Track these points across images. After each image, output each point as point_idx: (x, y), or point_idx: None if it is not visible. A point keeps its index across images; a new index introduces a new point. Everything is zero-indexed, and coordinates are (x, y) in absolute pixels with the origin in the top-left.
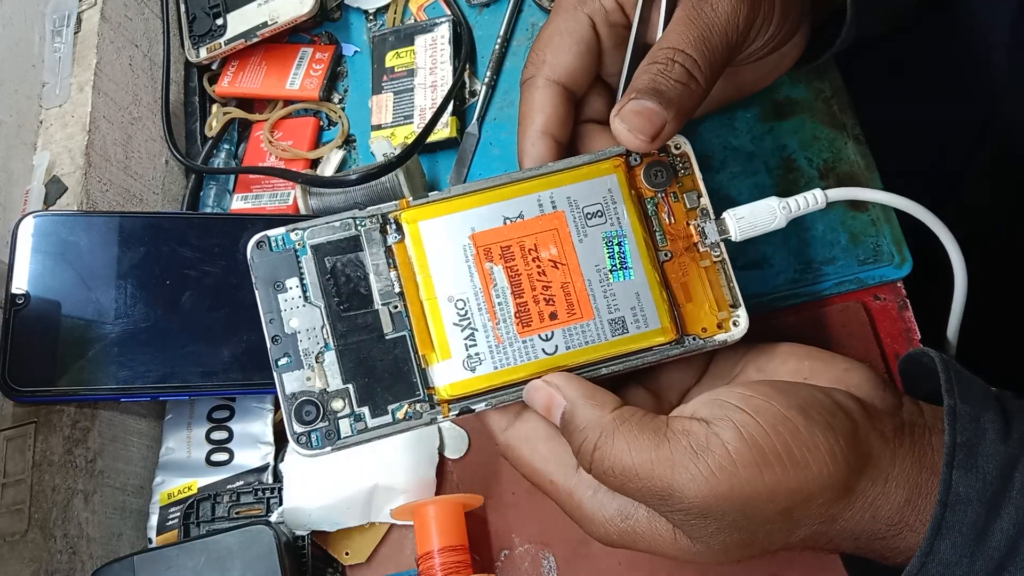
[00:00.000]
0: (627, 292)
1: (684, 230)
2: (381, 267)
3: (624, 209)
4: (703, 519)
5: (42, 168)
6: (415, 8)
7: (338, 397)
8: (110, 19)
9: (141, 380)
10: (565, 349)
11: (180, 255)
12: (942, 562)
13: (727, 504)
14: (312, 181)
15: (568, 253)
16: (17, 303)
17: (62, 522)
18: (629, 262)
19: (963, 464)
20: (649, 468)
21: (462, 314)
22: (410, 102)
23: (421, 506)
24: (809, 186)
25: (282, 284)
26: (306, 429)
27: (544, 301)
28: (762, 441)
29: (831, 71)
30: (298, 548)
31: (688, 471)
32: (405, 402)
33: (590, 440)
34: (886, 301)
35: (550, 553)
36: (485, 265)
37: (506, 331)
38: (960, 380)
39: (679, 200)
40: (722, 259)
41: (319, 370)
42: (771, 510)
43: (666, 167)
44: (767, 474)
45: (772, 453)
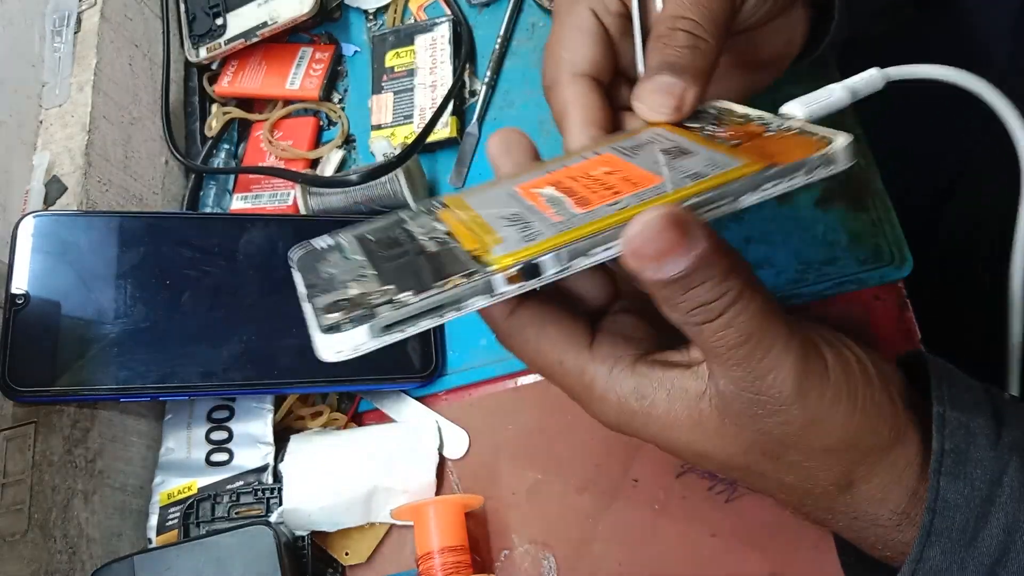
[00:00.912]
0: (696, 162)
1: (748, 129)
2: (424, 221)
3: (675, 134)
4: (772, 412)
5: (42, 168)
6: (415, 8)
7: (376, 293)
8: (110, 19)
9: (141, 380)
10: (639, 202)
11: (180, 255)
12: (933, 569)
13: (804, 409)
14: (312, 181)
15: (622, 164)
16: (17, 303)
17: (62, 522)
18: (690, 148)
19: (951, 471)
20: (771, 342)
21: (513, 218)
22: (410, 102)
23: (421, 506)
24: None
25: (322, 257)
26: (337, 319)
27: (603, 189)
28: (855, 377)
29: (831, 71)
30: (298, 548)
31: (796, 360)
32: (455, 275)
33: (732, 292)
34: (886, 301)
35: (550, 553)
36: (532, 190)
37: (566, 211)
38: (952, 385)
39: (731, 124)
40: (801, 125)
41: (355, 285)
42: (827, 437)
43: (709, 114)
44: (848, 405)
45: (857, 391)
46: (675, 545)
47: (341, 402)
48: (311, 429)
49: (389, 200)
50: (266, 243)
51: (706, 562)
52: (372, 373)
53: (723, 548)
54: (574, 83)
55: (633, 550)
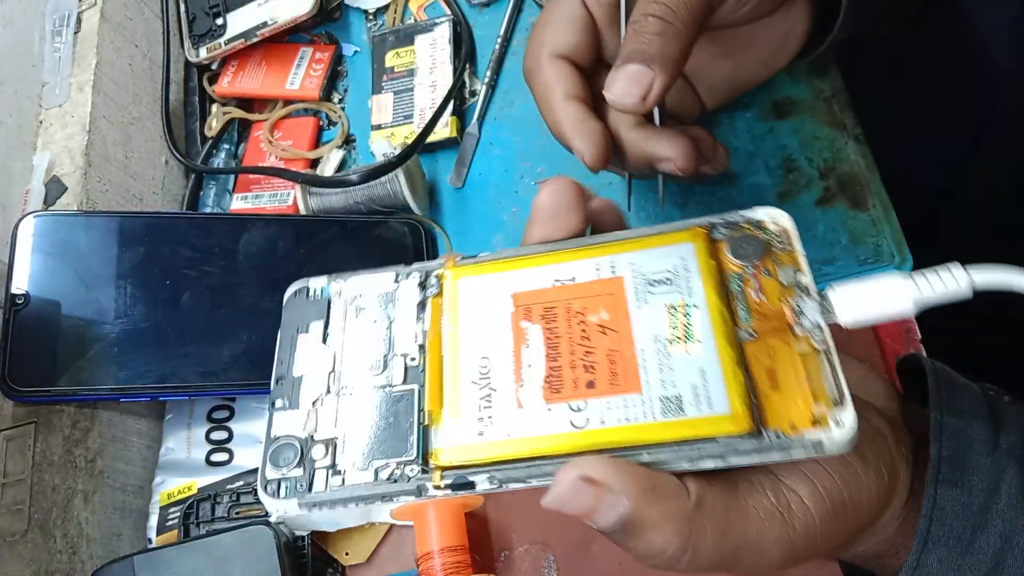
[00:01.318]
0: (689, 367)
1: (776, 309)
2: (408, 319)
3: (699, 279)
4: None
5: (42, 168)
6: (415, 8)
7: (322, 445)
8: (110, 19)
9: (141, 380)
10: (599, 424)
11: (180, 255)
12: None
13: (802, 556)
14: (312, 181)
15: (621, 320)
16: (17, 303)
17: (62, 522)
18: (695, 334)
19: (948, 478)
20: (740, 551)
21: (483, 372)
22: (410, 102)
23: (421, 506)
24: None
25: (306, 327)
26: (277, 476)
27: (583, 367)
28: (835, 493)
29: (831, 71)
30: (298, 548)
31: (775, 537)
32: (393, 460)
33: (678, 546)
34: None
35: (550, 553)
36: (521, 323)
37: (530, 396)
38: (951, 390)
39: (772, 276)
40: (826, 347)
41: (312, 414)
42: (826, 548)
43: (758, 242)
44: (836, 523)
45: (840, 504)
46: None
47: None
48: None
49: (389, 200)
50: (266, 243)
51: None
52: None
53: None
54: (553, 63)
55: None
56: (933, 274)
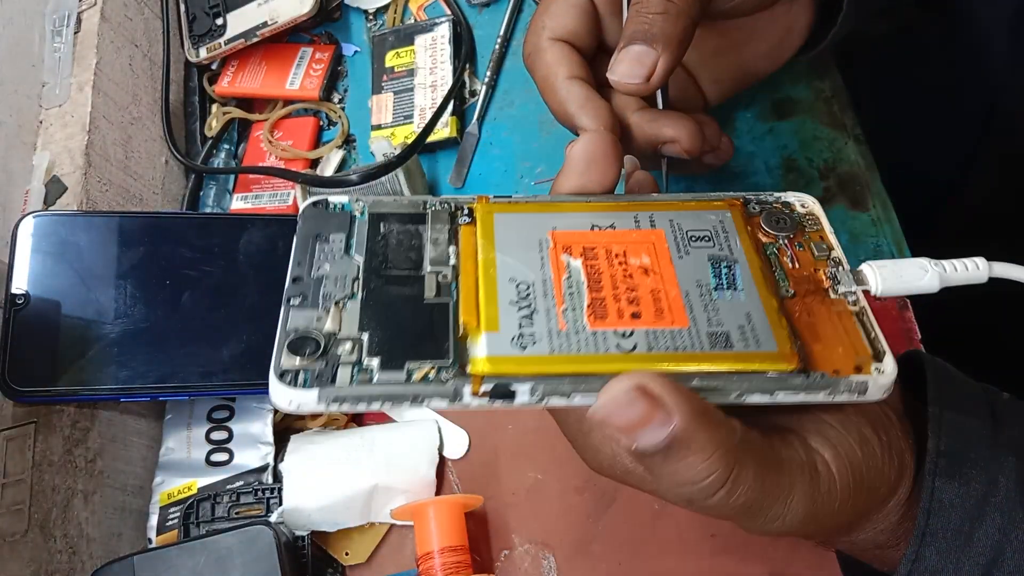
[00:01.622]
0: (734, 310)
1: (811, 275)
2: (440, 239)
3: (737, 239)
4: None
5: (42, 168)
6: (415, 8)
7: (348, 341)
8: (110, 19)
9: (141, 380)
10: (647, 350)
11: (180, 255)
12: (928, 568)
13: (818, 522)
14: (312, 181)
15: (663, 265)
16: (17, 303)
17: (62, 522)
18: (740, 283)
19: (946, 471)
20: (774, 496)
21: (522, 295)
22: (410, 102)
23: (421, 506)
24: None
25: (325, 236)
26: (295, 365)
27: (627, 300)
28: (856, 464)
29: (831, 71)
30: (298, 548)
31: (802, 492)
32: (428, 363)
33: (719, 475)
34: (886, 301)
35: (550, 553)
36: (561, 256)
37: (574, 319)
38: (950, 385)
39: (805, 249)
40: (862, 308)
41: (335, 313)
42: (839, 522)
43: (791, 218)
44: (854, 497)
45: (860, 478)
46: (675, 545)
47: None
48: (311, 429)
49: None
50: (266, 243)
51: (706, 562)
52: None
53: (723, 548)
54: (555, 46)
55: (633, 550)
56: (957, 260)
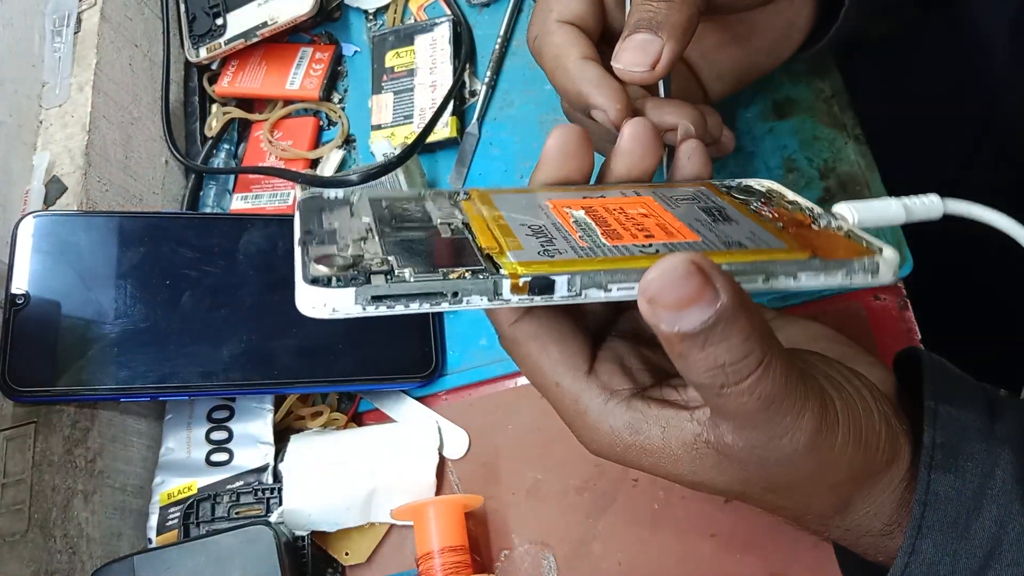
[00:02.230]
0: (738, 230)
1: (793, 217)
2: (444, 207)
3: (720, 199)
4: (779, 464)
5: (42, 168)
6: (415, 8)
7: (377, 259)
8: (110, 19)
9: (141, 380)
10: (669, 251)
11: (180, 255)
12: (925, 561)
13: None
14: (312, 181)
15: (660, 211)
16: (17, 303)
17: (62, 522)
18: (734, 218)
19: (941, 464)
20: (791, 402)
21: (536, 231)
22: (410, 102)
23: (421, 506)
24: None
25: (329, 209)
26: (326, 272)
27: (636, 229)
28: (858, 415)
29: (831, 71)
30: (298, 548)
31: (813, 411)
32: (462, 267)
33: (756, 357)
34: (886, 301)
35: (550, 553)
36: (563, 208)
37: (592, 239)
38: (946, 380)
39: (778, 207)
40: (848, 230)
41: (355, 247)
42: (831, 477)
43: (758, 192)
44: (852, 453)
45: (860, 436)
46: (675, 545)
47: (341, 402)
48: (311, 429)
49: None
50: (266, 243)
51: (706, 562)
52: (372, 373)
53: (723, 548)
54: (562, 28)
55: (633, 550)
56: (916, 197)
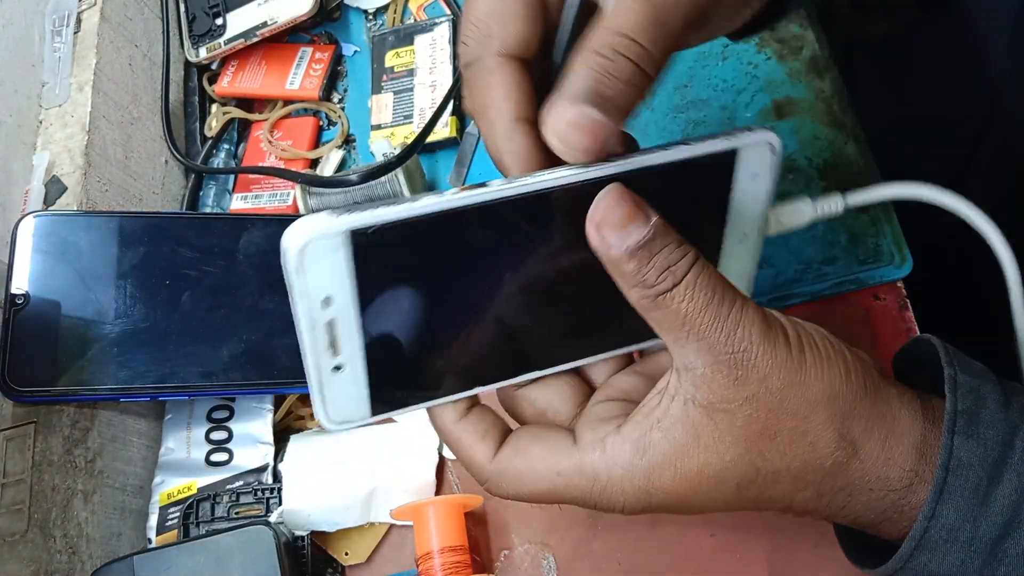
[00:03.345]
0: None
1: None
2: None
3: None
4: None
5: (42, 168)
6: (415, 8)
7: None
8: (110, 19)
9: (141, 380)
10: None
11: (180, 255)
12: (945, 526)
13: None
14: (312, 181)
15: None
16: (17, 303)
17: (62, 522)
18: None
19: (964, 430)
20: (732, 294)
21: None
22: (410, 102)
23: (421, 506)
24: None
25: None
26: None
27: None
28: (817, 345)
29: (831, 71)
30: (298, 548)
31: (759, 330)
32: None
33: (691, 253)
34: (886, 301)
35: (550, 553)
36: None
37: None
38: (959, 357)
39: None
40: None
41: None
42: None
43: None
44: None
45: (842, 359)
46: (675, 545)
47: None
48: (311, 429)
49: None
50: (266, 243)
51: (706, 562)
52: None
53: (723, 548)
54: (503, 66)
55: (633, 550)
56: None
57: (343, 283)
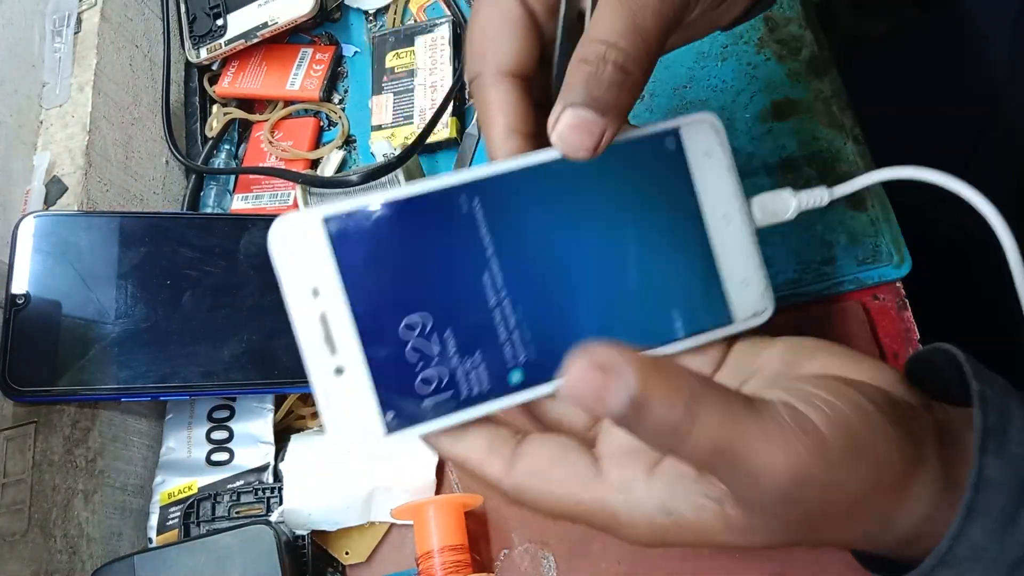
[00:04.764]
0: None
1: None
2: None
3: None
4: (781, 503)
5: (42, 168)
6: (415, 9)
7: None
8: (110, 19)
9: (141, 380)
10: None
11: (180, 255)
12: (970, 545)
13: (811, 488)
14: (312, 181)
15: None
16: (17, 303)
17: (62, 522)
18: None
19: (994, 449)
20: (745, 443)
21: None
22: (410, 102)
23: (421, 506)
24: (809, 185)
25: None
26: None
27: None
28: (851, 427)
29: (831, 71)
30: (298, 548)
31: (783, 447)
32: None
33: (683, 419)
34: (885, 301)
35: (550, 553)
36: None
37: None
38: (980, 369)
39: None
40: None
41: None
42: (845, 500)
43: None
44: (852, 463)
45: (858, 441)
46: None
47: None
48: (311, 429)
49: None
50: (266, 243)
51: (705, 561)
52: None
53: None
54: (498, 83)
55: (633, 550)
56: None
57: (328, 270)
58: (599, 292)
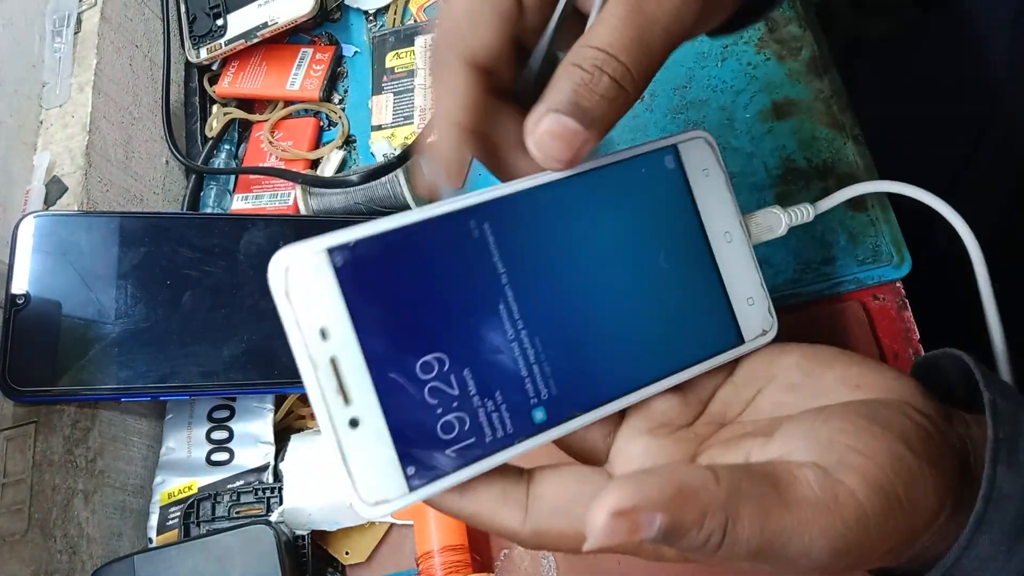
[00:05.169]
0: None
1: None
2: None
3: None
4: (821, 571)
5: (42, 168)
6: (415, 9)
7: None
8: (110, 19)
9: (141, 380)
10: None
11: (180, 255)
12: (979, 557)
13: (851, 555)
14: (312, 181)
15: None
16: (17, 303)
17: (62, 522)
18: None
19: (1006, 460)
20: (784, 540)
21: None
22: (410, 103)
23: (421, 506)
24: (808, 187)
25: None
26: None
27: None
28: (887, 485)
29: (831, 71)
30: (298, 548)
31: (821, 527)
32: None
33: (716, 534)
34: (885, 301)
35: (550, 553)
36: None
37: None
38: (990, 376)
39: None
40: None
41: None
42: (883, 549)
43: None
44: (892, 519)
45: (895, 497)
46: None
47: None
48: (311, 428)
49: (389, 201)
50: (266, 243)
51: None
52: None
53: None
54: (460, 71)
55: None
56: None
57: (336, 309)
58: (615, 317)
